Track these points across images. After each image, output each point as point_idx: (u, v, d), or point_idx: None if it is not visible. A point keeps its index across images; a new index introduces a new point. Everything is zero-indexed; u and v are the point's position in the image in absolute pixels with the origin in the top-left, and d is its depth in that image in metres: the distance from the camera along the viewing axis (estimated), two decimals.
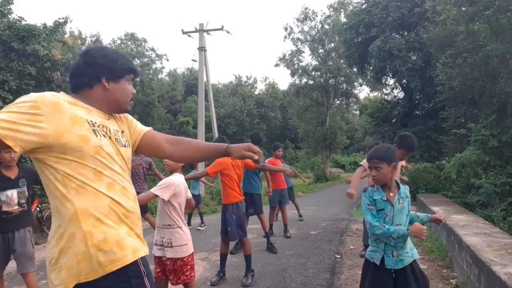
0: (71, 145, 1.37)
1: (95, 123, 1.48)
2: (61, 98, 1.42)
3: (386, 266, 2.39)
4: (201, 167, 13.97)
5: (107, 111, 1.59)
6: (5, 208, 3.45)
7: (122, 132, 1.65)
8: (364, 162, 4.34)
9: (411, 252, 2.41)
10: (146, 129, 1.79)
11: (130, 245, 1.47)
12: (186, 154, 1.81)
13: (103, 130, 1.50)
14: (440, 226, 5.73)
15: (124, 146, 1.61)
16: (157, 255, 3.16)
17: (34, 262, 3.63)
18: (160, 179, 3.52)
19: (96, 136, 1.44)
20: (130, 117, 1.77)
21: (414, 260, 2.42)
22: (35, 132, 1.31)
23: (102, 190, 1.43)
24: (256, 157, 1.72)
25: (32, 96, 1.36)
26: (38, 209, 6.62)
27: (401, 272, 2.37)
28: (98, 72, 1.53)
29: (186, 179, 4.77)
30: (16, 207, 3.50)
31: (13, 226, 3.51)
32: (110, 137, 1.52)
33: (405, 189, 2.50)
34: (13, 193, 3.49)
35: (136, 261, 1.48)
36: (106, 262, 1.40)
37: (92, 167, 1.42)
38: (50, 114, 1.34)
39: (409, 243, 2.42)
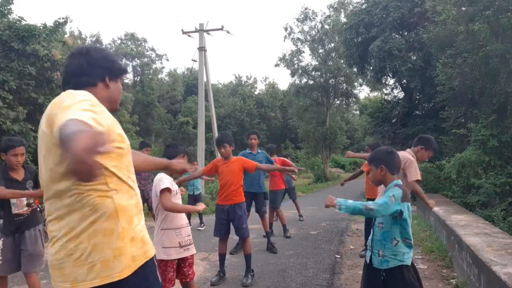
0: (115, 143, 1.41)
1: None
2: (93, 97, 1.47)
3: (374, 265, 2.45)
4: (200, 167, 13.98)
5: (111, 109, 1.64)
6: (15, 211, 3.49)
7: None
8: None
9: (401, 256, 2.37)
10: None
11: (149, 242, 1.59)
12: (136, 165, 1.81)
13: None
14: (440, 226, 5.73)
15: None
16: (183, 256, 3.12)
17: (42, 261, 3.65)
18: None
19: (125, 137, 1.53)
20: None
21: (407, 266, 2.37)
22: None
23: (133, 188, 1.52)
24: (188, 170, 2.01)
25: (84, 94, 1.40)
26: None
27: (389, 274, 2.38)
28: (102, 71, 1.60)
29: (182, 181, 4.77)
30: (26, 208, 3.55)
31: (25, 226, 3.56)
32: None
33: (394, 188, 2.39)
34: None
35: (151, 258, 1.58)
36: (138, 256, 1.48)
37: (125, 165, 1.50)
38: (101, 113, 1.39)
39: (402, 247, 2.37)
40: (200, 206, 3.31)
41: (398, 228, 2.39)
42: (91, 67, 1.57)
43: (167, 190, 3.00)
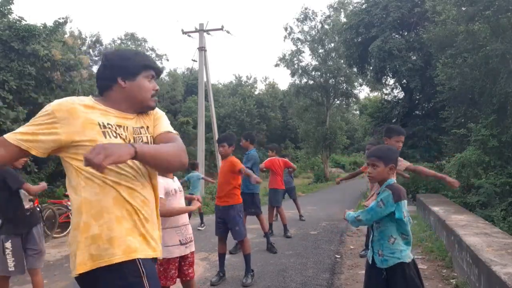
0: (81, 146, 1.49)
1: (108, 124, 1.55)
2: (77, 103, 1.54)
3: (376, 264, 2.46)
4: (201, 167, 13.99)
5: (131, 110, 1.66)
6: (27, 206, 3.60)
7: (147, 128, 1.71)
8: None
9: (399, 254, 2.38)
10: (162, 130, 1.74)
11: (123, 245, 1.49)
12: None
13: (117, 131, 1.56)
14: (440, 226, 5.73)
15: (147, 143, 1.66)
16: (184, 254, 3.16)
17: (43, 258, 3.77)
18: None
19: (105, 137, 1.52)
20: (160, 113, 1.81)
21: (407, 264, 2.38)
22: (52, 138, 1.48)
23: (106, 187, 1.51)
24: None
25: (51, 104, 1.53)
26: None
27: (391, 272, 2.40)
28: (113, 73, 1.63)
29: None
30: (31, 203, 3.62)
31: (32, 223, 3.64)
32: (125, 138, 1.57)
33: (383, 190, 2.41)
34: (23, 192, 3.61)
35: (133, 261, 1.50)
36: (95, 256, 1.46)
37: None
38: (64, 120, 1.49)
39: (399, 245, 2.39)
40: (195, 205, 3.32)
41: (394, 225, 2.39)
42: (105, 70, 1.64)
43: (160, 198, 3.03)
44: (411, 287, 2.36)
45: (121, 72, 1.62)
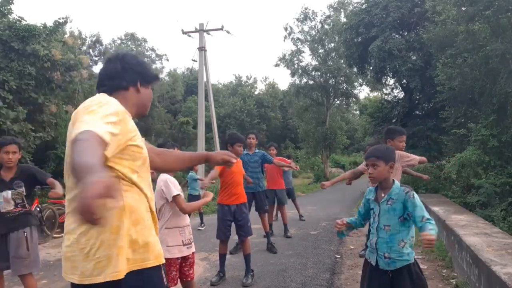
0: (127, 152, 1.48)
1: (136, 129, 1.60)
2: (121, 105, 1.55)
3: (379, 267, 2.42)
4: (201, 168, 13.99)
5: (133, 114, 1.69)
6: (2, 210, 3.47)
7: None
8: (361, 166, 4.46)
9: (407, 256, 2.38)
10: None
11: (155, 250, 1.57)
12: (168, 165, 2.01)
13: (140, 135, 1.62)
14: (440, 226, 5.72)
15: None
16: (184, 255, 3.16)
17: (28, 264, 3.56)
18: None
19: (144, 147, 1.59)
20: None
21: (413, 263, 2.39)
22: (118, 140, 1.41)
23: (144, 193, 1.55)
24: (233, 161, 2.01)
25: (115, 103, 1.49)
26: (38, 209, 6.63)
27: (397, 273, 2.37)
28: (134, 76, 1.67)
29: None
30: (13, 207, 3.52)
31: (12, 227, 3.52)
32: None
33: (399, 190, 2.42)
34: (8, 194, 3.50)
35: (159, 265, 1.58)
36: (131, 260, 1.48)
37: (143, 171, 1.57)
38: (124, 124, 1.45)
39: (407, 248, 2.38)
40: (209, 196, 3.31)
41: (406, 230, 2.39)
42: (125, 71, 1.65)
43: (179, 195, 3.07)
44: (418, 284, 2.36)
45: (141, 77, 1.68)
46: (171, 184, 3.07)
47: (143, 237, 1.51)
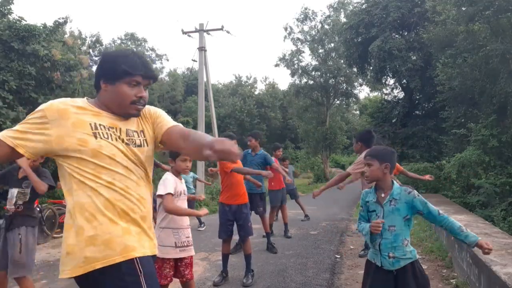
0: (72, 148, 1.50)
1: (100, 125, 1.55)
2: (69, 104, 1.55)
3: (384, 267, 2.41)
4: (200, 167, 13.98)
5: (117, 112, 1.63)
6: (7, 206, 3.54)
7: (141, 131, 1.69)
8: (350, 168, 4.48)
9: (410, 254, 2.39)
10: (169, 125, 1.72)
11: (121, 245, 1.49)
12: (194, 150, 1.76)
13: (108, 133, 1.55)
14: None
15: (140, 145, 1.64)
16: (179, 257, 3.11)
17: (19, 267, 3.51)
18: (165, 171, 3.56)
19: (96, 138, 1.51)
20: (158, 112, 1.76)
21: (416, 260, 2.42)
22: (41, 139, 1.48)
23: (98, 189, 1.50)
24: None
25: (43, 105, 1.54)
26: (38, 209, 6.62)
27: (401, 271, 2.39)
28: (99, 74, 1.63)
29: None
30: (12, 207, 3.55)
31: (9, 225, 3.58)
32: (117, 138, 1.57)
33: (400, 190, 2.43)
34: (13, 192, 3.57)
35: (131, 260, 1.49)
36: (91, 258, 1.45)
37: (90, 168, 1.51)
38: (55, 121, 1.49)
39: (409, 246, 2.40)
40: (203, 212, 3.33)
41: (408, 228, 2.44)
42: (97, 70, 1.64)
43: (170, 194, 3.03)
44: (421, 281, 2.37)
45: (104, 75, 1.60)
46: (163, 183, 3.06)
47: (103, 233, 1.46)
